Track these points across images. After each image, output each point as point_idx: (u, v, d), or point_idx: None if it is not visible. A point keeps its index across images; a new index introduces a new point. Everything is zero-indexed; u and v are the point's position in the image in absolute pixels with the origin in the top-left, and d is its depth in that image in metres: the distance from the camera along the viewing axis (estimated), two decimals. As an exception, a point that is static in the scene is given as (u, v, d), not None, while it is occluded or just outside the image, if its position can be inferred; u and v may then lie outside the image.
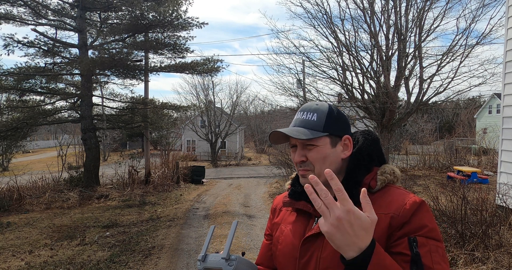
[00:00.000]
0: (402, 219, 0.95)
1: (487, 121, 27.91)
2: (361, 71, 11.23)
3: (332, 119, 1.08)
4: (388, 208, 0.98)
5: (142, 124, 13.72)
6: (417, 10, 10.86)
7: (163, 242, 6.31)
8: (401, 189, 1.05)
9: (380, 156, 1.14)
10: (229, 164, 26.67)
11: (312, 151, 1.06)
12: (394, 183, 1.09)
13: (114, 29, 12.41)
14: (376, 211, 0.94)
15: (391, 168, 1.10)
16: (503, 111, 5.96)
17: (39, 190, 11.32)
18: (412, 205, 0.97)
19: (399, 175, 1.11)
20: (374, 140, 1.15)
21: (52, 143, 43.35)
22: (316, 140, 1.05)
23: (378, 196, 1.03)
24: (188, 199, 11.08)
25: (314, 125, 1.07)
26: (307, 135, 1.03)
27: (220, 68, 13.33)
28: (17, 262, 5.51)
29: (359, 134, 1.17)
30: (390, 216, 0.97)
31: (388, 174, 1.07)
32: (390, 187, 1.06)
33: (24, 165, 18.27)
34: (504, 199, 5.19)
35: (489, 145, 15.89)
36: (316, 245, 1.03)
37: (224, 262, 0.92)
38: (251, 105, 45.14)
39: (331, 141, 1.07)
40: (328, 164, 1.06)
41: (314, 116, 1.08)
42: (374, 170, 1.09)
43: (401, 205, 0.97)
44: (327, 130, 1.06)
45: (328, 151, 1.06)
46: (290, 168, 12.20)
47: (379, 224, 0.95)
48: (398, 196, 1.01)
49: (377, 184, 1.04)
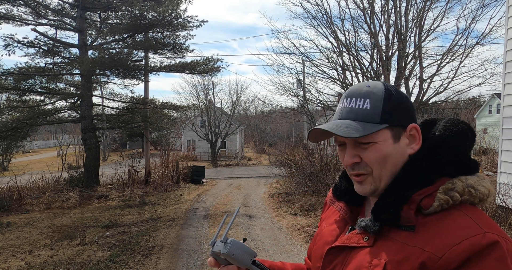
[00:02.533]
0: (444, 265, 0.67)
1: (487, 121, 27.93)
2: (361, 71, 11.23)
3: (392, 104, 0.81)
4: (430, 243, 0.70)
5: (142, 124, 13.72)
6: (417, 10, 10.86)
7: (163, 242, 6.31)
8: (471, 218, 0.72)
9: (461, 161, 0.79)
10: (229, 164, 26.67)
11: (368, 150, 0.80)
12: (473, 204, 0.76)
13: (114, 29, 12.41)
14: (415, 243, 0.72)
15: (469, 183, 0.76)
16: (503, 111, 5.96)
17: (39, 190, 11.32)
18: (469, 246, 0.66)
19: (483, 193, 0.76)
20: (455, 136, 0.80)
21: (52, 143, 43.34)
22: (373, 135, 0.79)
23: (432, 221, 0.74)
24: (188, 199, 11.09)
25: (368, 116, 0.80)
26: (359, 131, 0.77)
27: (220, 68, 13.33)
28: (17, 262, 5.51)
29: (441, 124, 0.84)
30: (426, 256, 0.69)
31: (457, 192, 0.74)
32: (458, 211, 0.74)
33: (24, 165, 18.28)
34: (504, 199, 5.19)
35: (489, 145, 15.90)
36: (340, 259, 0.86)
37: (222, 245, 0.94)
38: (251, 105, 45.19)
39: (393, 134, 0.81)
40: (391, 165, 0.81)
41: (366, 103, 0.81)
42: (438, 183, 0.77)
43: (450, 243, 0.68)
44: (386, 121, 0.80)
45: (389, 148, 0.80)
46: (290, 168, 12.20)
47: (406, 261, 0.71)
48: (457, 228, 0.70)
49: (432, 205, 0.74)
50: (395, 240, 0.76)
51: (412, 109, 0.85)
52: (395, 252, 0.74)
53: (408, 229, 0.75)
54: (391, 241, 0.76)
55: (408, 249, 0.72)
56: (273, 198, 10.45)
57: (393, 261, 0.73)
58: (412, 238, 0.73)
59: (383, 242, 0.78)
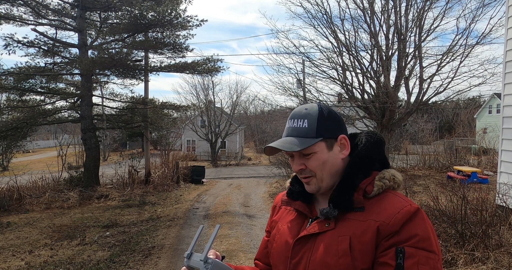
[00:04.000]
0: (391, 228, 0.92)
1: (487, 121, 27.92)
2: (361, 71, 11.23)
3: (324, 121, 1.05)
4: (379, 215, 0.95)
5: (142, 124, 13.72)
6: (417, 10, 10.86)
7: (163, 242, 6.31)
8: (399, 197, 1.01)
9: (382, 159, 1.09)
10: (229, 164, 26.67)
11: (310, 159, 1.04)
12: (395, 189, 1.05)
13: (114, 29, 12.40)
14: (367, 218, 0.97)
15: (392, 173, 1.05)
16: (503, 111, 5.96)
17: (39, 190, 11.32)
18: (405, 213, 0.94)
19: (400, 181, 1.06)
20: (376, 142, 1.09)
21: (52, 143, 43.35)
22: (311, 147, 1.03)
23: (374, 202, 1.00)
24: (188, 199, 11.08)
25: (306, 132, 1.04)
26: (300, 145, 1.01)
27: (220, 68, 13.31)
28: (17, 262, 5.51)
29: (363, 135, 1.12)
30: (379, 224, 0.94)
31: (387, 179, 1.03)
32: (388, 193, 1.02)
33: (24, 165, 18.29)
34: (504, 199, 5.19)
35: (489, 145, 15.90)
36: (307, 246, 1.02)
37: (202, 264, 0.96)
38: (251, 105, 45.25)
39: (327, 145, 1.05)
40: (329, 168, 1.05)
41: (304, 123, 1.05)
42: (373, 174, 1.04)
43: (393, 213, 0.94)
44: (320, 135, 1.04)
45: (325, 156, 1.04)
46: (290, 168, 12.21)
47: (366, 232, 0.94)
48: (393, 203, 0.98)
49: (373, 190, 1.00)
50: (352, 219, 0.98)
51: (341, 123, 1.09)
52: (355, 227, 0.96)
53: (359, 210, 0.99)
54: (348, 221, 0.99)
55: (364, 223, 0.96)
56: (273, 198, 10.46)
57: (356, 235, 0.95)
58: (364, 215, 0.98)
59: (343, 223, 0.99)
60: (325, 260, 0.96)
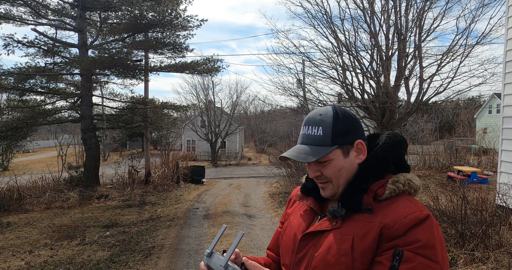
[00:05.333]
0: (395, 232, 0.91)
1: (487, 121, 27.92)
2: (361, 71, 11.22)
3: (339, 128, 1.02)
4: (385, 217, 0.94)
5: (142, 124, 13.72)
6: (417, 10, 10.84)
7: (163, 242, 6.31)
8: (411, 202, 0.98)
9: (400, 162, 1.06)
10: (229, 164, 26.66)
11: (326, 167, 1.03)
12: (411, 194, 1.03)
13: (114, 29, 12.40)
14: (374, 219, 0.96)
15: (408, 178, 1.02)
16: (503, 111, 5.96)
17: (39, 190, 11.33)
18: (412, 219, 0.91)
19: (417, 186, 1.03)
20: (394, 144, 1.05)
21: (52, 143, 43.37)
22: (328, 155, 1.01)
23: (384, 205, 0.98)
24: (188, 199, 11.08)
25: (321, 141, 1.02)
26: (315, 155, 1.00)
27: (220, 68, 13.32)
28: (17, 262, 5.51)
29: (384, 136, 1.09)
30: (382, 225, 0.93)
31: (401, 183, 1.00)
32: (401, 197, 0.99)
33: (24, 165, 18.29)
34: (504, 199, 5.19)
35: (489, 145, 15.90)
36: (312, 242, 1.03)
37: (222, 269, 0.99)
38: (251, 105, 45.25)
39: (343, 151, 1.03)
40: (345, 174, 1.04)
41: (319, 131, 1.02)
42: (387, 177, 1.02)
43: (399, 217, 0.92)
44: (336, 142, 1.01)
45: (342, 163, 1.02)
46: (290, 168, 12.20)
47: (369, 233, 0.94)
48: (403, 207, 0.95)
49: (384, 193, 0.98)
50: (358, 220, 0.98)
51: (358, 126, 1.06)
52: (360, 228, 0.96)
53: (368, 211, 0.97)
54: (355, 221, 0.98)
55: (369, 225, 0.95)
56: (273, 198, 10.46)
57: (359, 235, 0.95)
58: (372, 217, 0.96)
59: (349, 223, 0.99)
60: (326, 258, 0.97)
